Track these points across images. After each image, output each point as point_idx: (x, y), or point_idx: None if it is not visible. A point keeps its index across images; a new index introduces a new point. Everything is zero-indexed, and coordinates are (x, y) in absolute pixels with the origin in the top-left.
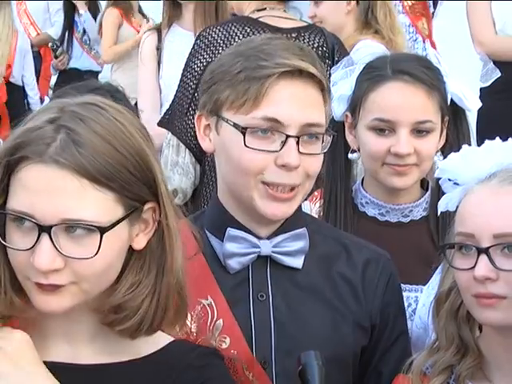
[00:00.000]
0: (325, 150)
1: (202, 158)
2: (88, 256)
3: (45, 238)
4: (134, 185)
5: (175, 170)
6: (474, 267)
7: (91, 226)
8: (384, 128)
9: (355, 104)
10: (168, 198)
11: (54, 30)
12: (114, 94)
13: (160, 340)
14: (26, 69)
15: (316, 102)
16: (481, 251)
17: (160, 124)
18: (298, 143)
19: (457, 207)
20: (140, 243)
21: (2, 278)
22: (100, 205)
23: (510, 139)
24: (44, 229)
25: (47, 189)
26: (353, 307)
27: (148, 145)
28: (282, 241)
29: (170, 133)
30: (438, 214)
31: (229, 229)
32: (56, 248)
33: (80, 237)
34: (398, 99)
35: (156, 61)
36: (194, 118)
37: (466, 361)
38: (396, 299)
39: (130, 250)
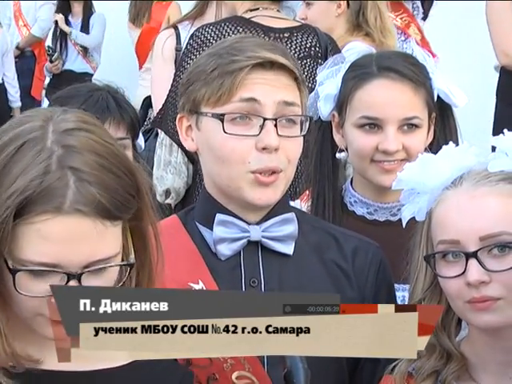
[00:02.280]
0: (303, 133)
1: (195, 158)
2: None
3: (73, 282)
4: (133, 206)
5: (168, 170)
6: (463, 273)
7: (123, 264)
8: (372, 124)
9: (342, 103)
10: (148, 200)
11: (37, 27)
12: (114, 94)
13: None
14: (7, 68)
15: (290, 87)
16: (469, 256)
17: (153, 124)
18: (276, 126)
19: (427, 217)
20: None
21: (1, 327)
22: (117, 237)
23: (465, 142)
24: (73, 276)
25: (72, 239)
26: (347, 293)
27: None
28: (272, 225)
29: (162, 132)
30: (404, 225)
31: (218, 214)
32: None
33: (100, 271)
34: (385, 96)
35: (173, 62)
36: None
37: (450, 366)
38: (387, 286)
39: None
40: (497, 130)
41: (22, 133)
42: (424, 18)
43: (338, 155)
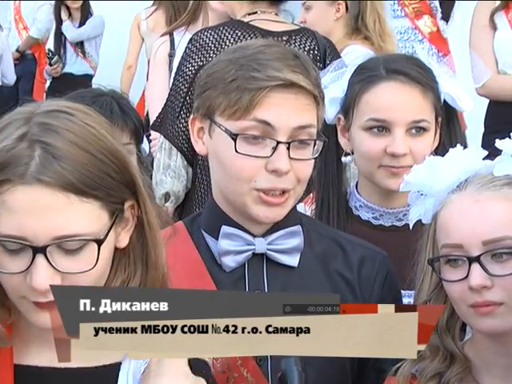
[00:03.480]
0: (316, 155)
1: (194, 161)
2: (86, 269)
3: (40, 258)
4: (117, 188)
5: (167, 173)
6: (466, 277)
7: (87, 239)
8: (380, 127)
9: (348, 106)
10: (145, 193)
11: (34, 29)
12: (119, 100)
13: None
14: (6, 67)
15: (307, 107)
16: (472, 260)
17: (152, 127)
18: (288, 148)
19: (433, 219)
20: (123, 241)
21: None
22: (89, 216)
23: (472, 145)
24: (38, 250)
25: (35, 209)
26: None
27: (118, 142)
28: (277, 238)
29: (162, 136)
30: (410, 227)
31: (223, 226)
32: (52, 266)
33: (74, 251)
34: (393, 99)
35: (168, 68)
36: (185, 122)
37: (453, 368)
38: (393, 296)
39: (114, 249)
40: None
41: (12, 114)
42: (445, 19)
43: (343, 159)
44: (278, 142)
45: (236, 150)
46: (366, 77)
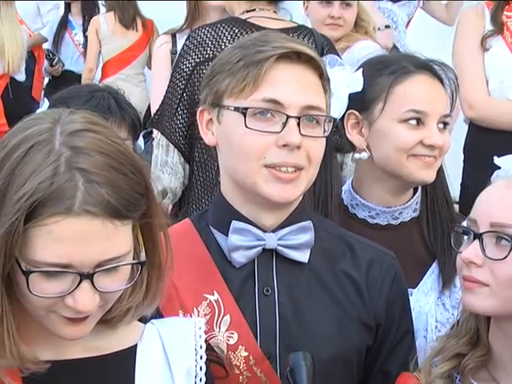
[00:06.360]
0: (326, 134)
1: (191, 158)
2: (122, 287)
3: (86, 283)
4: (142, 204)
5: (164, 170)
6: None
7: (135, 263)
8: (417, 119)
9: (372, 100)
10: (155, 199)
11: (48, 29)
12: (115, 95)
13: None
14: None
15: (315, 86)
16: (476, 236)
17: (150, 124)
18: (298, 124)
19: None
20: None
21: (10, 330)
22: (127, 236)
23: None
24: (86, 276)
25: (84, 239)
26: (357, 304)
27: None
28: (288, 233)
29: (159, 133)
30: None
31: (233, 221)
32: (95, 288)
33: (112, 269)
34: (429, 91)
35: (170, 67)
36: (182, 119)
37: (474, 353)
38: (401, 298)
39: None
40: (464, 194)
41: (30, 135)
42: None
43: (357, 155)
44: (288, 117)
45: (246, 125)
46: (395, 70)
